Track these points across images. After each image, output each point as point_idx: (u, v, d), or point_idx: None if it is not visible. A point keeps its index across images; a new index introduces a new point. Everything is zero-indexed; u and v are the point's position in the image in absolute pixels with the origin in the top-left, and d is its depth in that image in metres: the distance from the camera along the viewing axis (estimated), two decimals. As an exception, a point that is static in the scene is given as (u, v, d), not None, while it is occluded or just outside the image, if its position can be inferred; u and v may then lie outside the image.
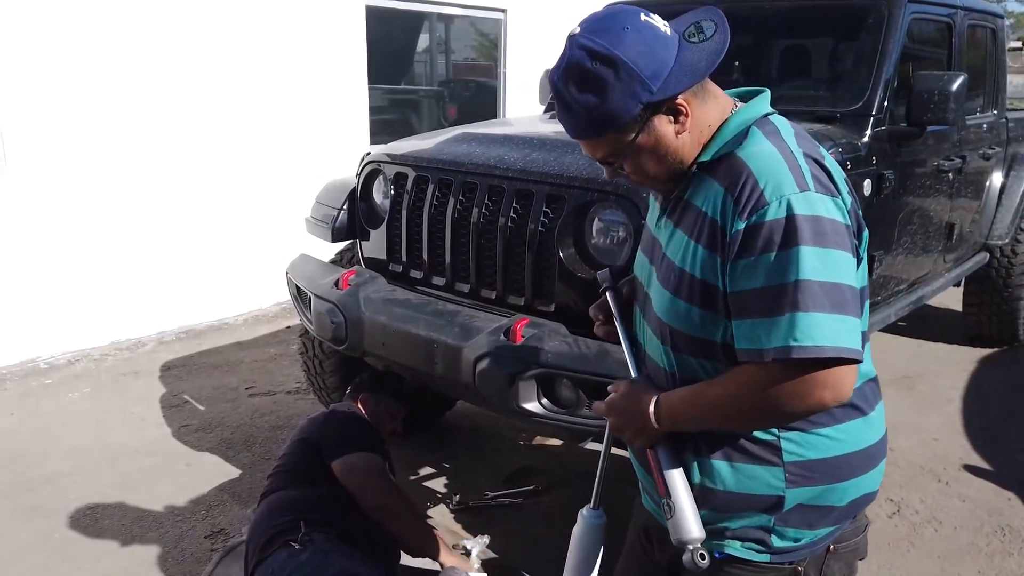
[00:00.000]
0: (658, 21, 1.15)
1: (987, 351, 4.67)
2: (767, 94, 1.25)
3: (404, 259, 2.78)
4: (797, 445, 1.21)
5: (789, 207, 1.07)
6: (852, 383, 1.10)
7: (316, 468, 2.33)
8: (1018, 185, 4.42)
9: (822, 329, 1.04)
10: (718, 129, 1.20)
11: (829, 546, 1.30)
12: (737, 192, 1.11)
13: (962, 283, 4.67)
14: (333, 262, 3.22)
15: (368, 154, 3.03)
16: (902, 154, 3.19)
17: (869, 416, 1.27)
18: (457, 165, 2.62)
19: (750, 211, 1.09)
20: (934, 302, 5.33)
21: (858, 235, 1.21)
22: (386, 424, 2.61)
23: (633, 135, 1.16)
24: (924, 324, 5.10)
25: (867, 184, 2.98)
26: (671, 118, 1.16)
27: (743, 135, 1.18)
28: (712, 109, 1.19)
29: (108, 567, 2.63)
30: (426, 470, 3.32)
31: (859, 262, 1.20)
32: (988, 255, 4.38)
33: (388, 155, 2.89)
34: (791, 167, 1.11)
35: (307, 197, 3.33)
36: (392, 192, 2.83)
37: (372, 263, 2.94)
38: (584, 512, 1.51)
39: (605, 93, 1.11)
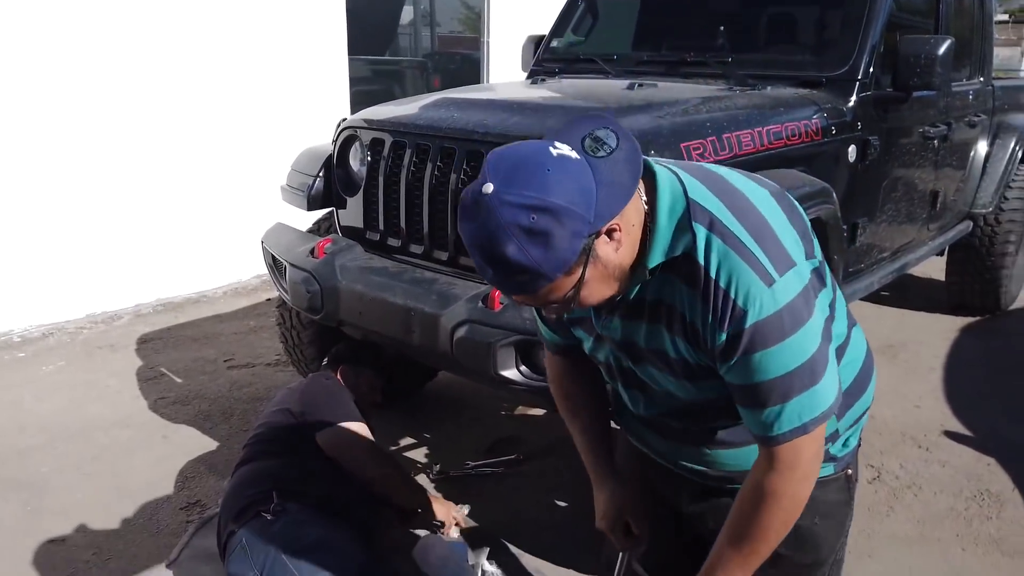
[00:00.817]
0: (564, 148, 1.05)
1: (969, 320, 4.68)
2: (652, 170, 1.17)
3: (381, 227, 2.72)
4: None
5: (761, 310, 1.09)
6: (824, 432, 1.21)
7: (293, 439, 2.29)
8: (1003, 153, 4.40)
9: (817, 400, 1.14)
10: (649, 226, 1.14)
11: (859, 443, 1.42)
12: (712, 305, 1.12)
13: (945, 252, 4.67)
14: (311, 231, 3.15)
15: (344, 120, 2.96)
16: (888, 120, 3.16)
17: (857, 324, 1.39)
18: (435, 130, 2.55)
19: (728, 322, 1.11)
20: (917, 271, 5.34)
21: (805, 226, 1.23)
22: (366, 396, 2.57)
23: (581, 271, 1.08)
24: (907, 293, 5.11)
25: (852, 150, 2.95)
26: (607, 239, 1.09)
27: (686, 230, 1.12)
28: (629, 207, 1.12)
29: (81, 539, 2.59)
30: (406, 440, 3.30)
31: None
32: (972, 224, 4.38)
33: (365, 120, 2.82)
34: (751, 264, 1.09)
35: (287, 168, 3.26)
36: (369, 158, 2.76)
37: (349, 231, 2.88)
38: None
39: (551, 243, 1.02)
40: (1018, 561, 2.53)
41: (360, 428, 2.35)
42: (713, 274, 1.10)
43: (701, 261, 1.11)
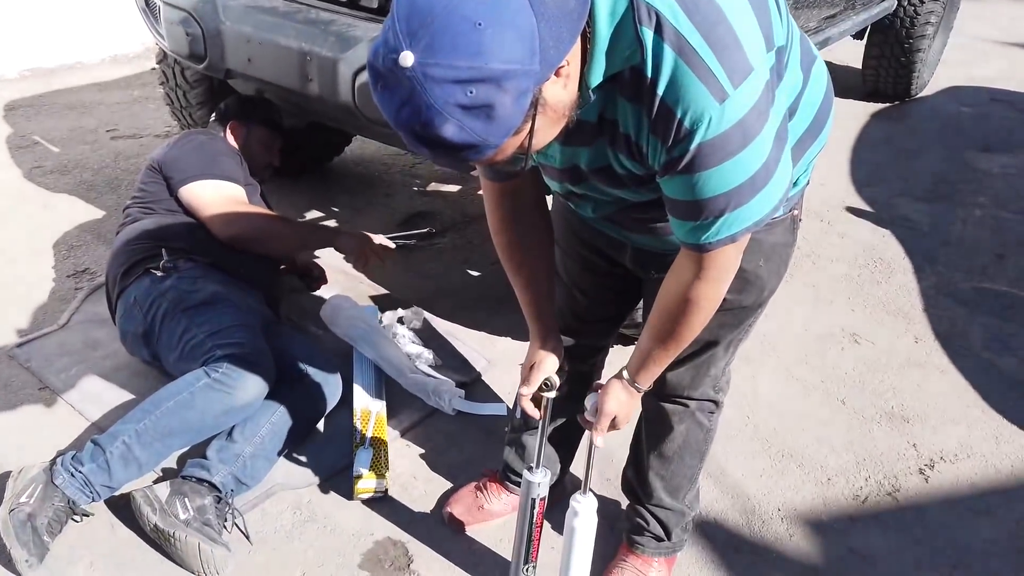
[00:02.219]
0: None
1: (880, 106, 4.73)
2: None
3: (270, -37, 2.38)
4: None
5: (709, 129, 0.97)
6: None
7: (173, 196, 2.11)
8: (938, -73, 4.22)
9: (753, 211, 1.06)
10: (588, 34, 0.95)
11: (808, 181, 1.37)
12: (655, 122, 1.00)
13: (866, 37, 4.60)
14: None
15: None
16: None
17: (817, 59, 1.27)
18: None
19: (673, 143, 1.00)
20: (835, 59, 5.31)
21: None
22: (259, 157, 2.36)
23: (530, 125, 0.92)
24: (824, 79, 5.08)
25: (791, -102, 2.72)
26: (555, 78, 0.91)
27: (631, 38, 0.95)
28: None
29: (-40, 309, 2.42)
30: (312, 213, 3.16)
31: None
32: (896, 2, 4.28)
33: None
34: (703, 77, 0.94)
35: None
36: None
37: (234, -29, 2.52)
38: (576, 501, 1.50)
39: (494, 113, 0.85)
40: (899, 319, 2.70)
41: (224, 185, 2.12)
42: (661, 91, 0.96)
43: (649, 74, 0.96)
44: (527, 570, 1.57)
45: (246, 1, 2.25)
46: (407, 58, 0.82)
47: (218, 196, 2.10)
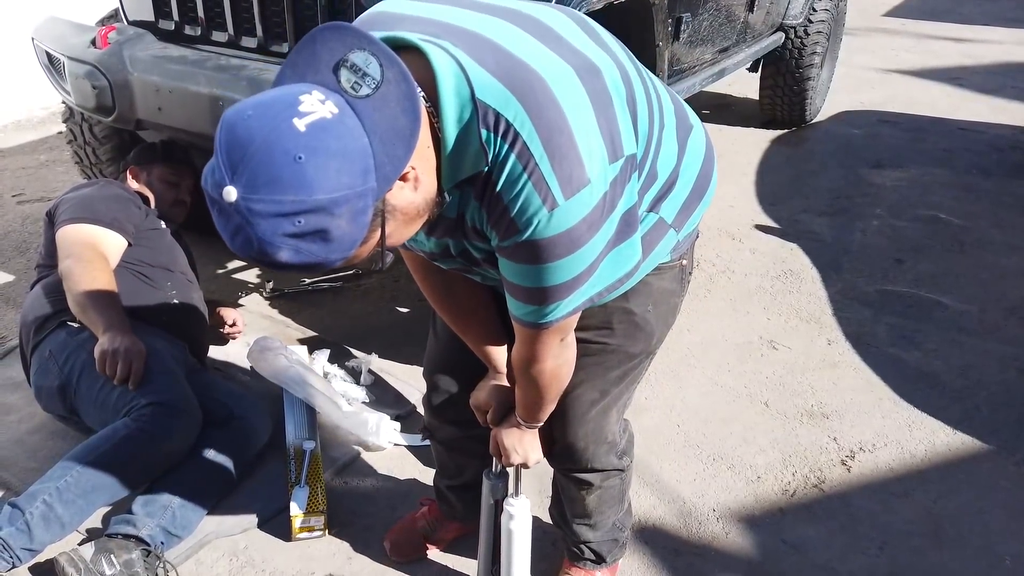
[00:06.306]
0: (313, 104, 0.84)
1: (779, 132, 5.00)
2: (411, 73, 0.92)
3: (176, 15, 2.40)
4: (669, 203, 1.24)
5: (535, 232, 1.00)
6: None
7: None
8: (814, -35, 4.55)
9: (571, 303, 1.11)
10: (437, 135, 0.97)
11: (697, 232, 1.39)
12: (490, 215, 1.03)
13: (760, 69, 4.88)
14: (95, 31, 2.74)
15: None
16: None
17: (694, 127, 1.31)
18: None
19: (503, 235, 1.03)
20: (734, 92, 5.60)
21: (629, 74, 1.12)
22: (165, 194, 2.29)
23: (380, 232, 0.93)
24: (725, 111, 5.35)
25: (677, -61, 2.91)
26: (400, 184, 0.92)
27: (477, 146, 0.97)
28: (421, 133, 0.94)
29: None
30: (234, 263, 3.12)
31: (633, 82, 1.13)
32: (784, 36, 4.57)
33: None
34: (537, 185, 0.97)
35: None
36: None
37: (138, 25, 2.52)
38: (509, 505, 1.51)
39: (329, 235, 0.86)
40: (811, 324, 2.84)
41: (83, 228, 2.00)
42: (498, 188, 0.99)
43: (493, 177, 0.99)
44: (496, 571, 1.58)
45: (154, 52, 2.25)
46: (230, 193, 0.82)
47: (73, 239, 2.00)
